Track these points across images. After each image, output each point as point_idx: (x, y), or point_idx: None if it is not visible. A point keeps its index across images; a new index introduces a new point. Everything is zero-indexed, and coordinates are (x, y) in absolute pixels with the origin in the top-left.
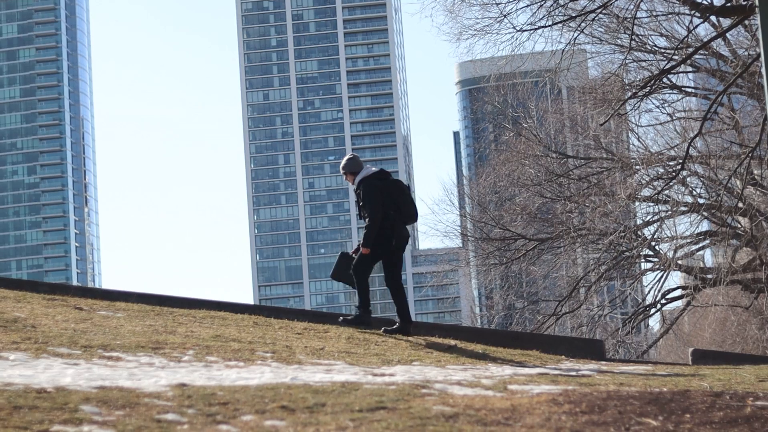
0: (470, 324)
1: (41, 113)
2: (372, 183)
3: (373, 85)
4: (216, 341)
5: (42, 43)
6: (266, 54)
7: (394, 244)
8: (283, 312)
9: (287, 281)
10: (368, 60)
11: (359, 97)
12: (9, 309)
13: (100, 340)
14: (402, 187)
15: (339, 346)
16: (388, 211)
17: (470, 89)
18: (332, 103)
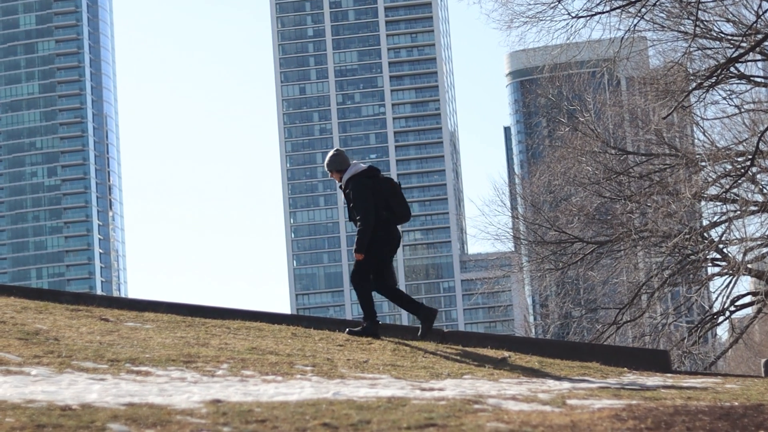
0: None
1: (62, 110)
2: (362, 182)
3: (417, 78)
4: (252, 354)
5: (62, 35)
6: (302, 45)
7: (390, 247)
8: (323, 322)
9: (326, 289)
10: (412, 50)
11: (402, 91)
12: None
13: (127, 354)
14: (394, 185)
15: (384, 359)
16: (380, 211)
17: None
18: (373, 97)
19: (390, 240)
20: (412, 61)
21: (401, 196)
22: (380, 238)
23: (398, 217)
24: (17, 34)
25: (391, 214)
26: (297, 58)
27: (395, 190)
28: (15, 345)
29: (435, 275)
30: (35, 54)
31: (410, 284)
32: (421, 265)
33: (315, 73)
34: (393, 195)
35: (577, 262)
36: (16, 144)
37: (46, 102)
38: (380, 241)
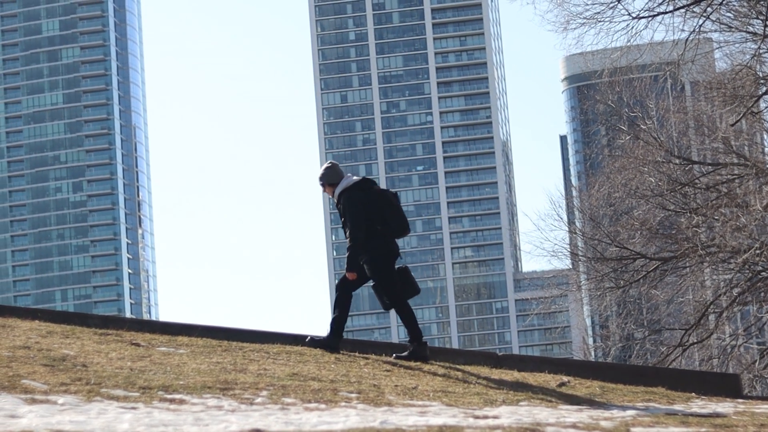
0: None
1: (87, 121)
2: (354, 195)
3: (466, 84)
4: (293, 380)
5: (87, 41)
6: (343, 50)
7: (386, 263)
8: (368, 346)
9: (371, 310)
10: (461, 55)
11: (451, 98)
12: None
13: (160, 381)
14: (389, 197)
15: (434, 385)
16: (374, 225)
17: (579, 86)
18: (420, 104)
19: (389, 254)
20: (461, 66)
21: (398, 208)
22: (381, 253)
23: (394, 230)
24: (40, 40)
25: (387, 227)
26: (338, 63)
27: (390, 201)
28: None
29: (487, 295)
30: (59, 62)
31: (460, 304)
32: (472, 284)
33: (357, 79)
34: (388, 206)
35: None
36: (39, 158)
37: (71, 113)
38: (382, 255)
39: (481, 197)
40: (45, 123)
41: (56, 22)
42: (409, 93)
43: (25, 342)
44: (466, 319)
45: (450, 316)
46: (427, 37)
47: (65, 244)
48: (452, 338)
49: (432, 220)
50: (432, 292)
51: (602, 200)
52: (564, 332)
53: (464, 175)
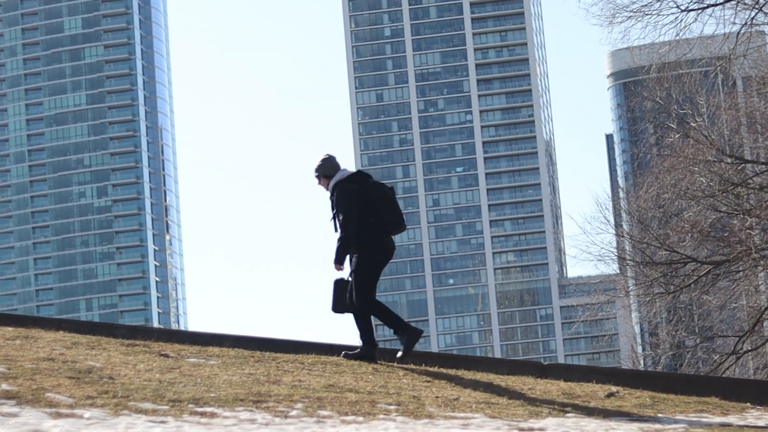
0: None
1: (112, 123)
2: (348, 187)
3: (508, 81)
4: (329, 392)
5: (111, 39)
6: (379, 46)
7: (379, 258)
8: None
9: (409, 318)
10: (501, 50)
11: (492, 96)
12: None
13: (190, 393)
14: (384, 190)
15: (476, 395)
16: (366, 219)
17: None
18: (459, 103)
19: (381, 250)
20: (502, 63)
21: (392, 202)
22: (370, 248)
23: (388, 225)
24: (62, 39)
25: (380, 221)
26: (373, 61)
27: (385, 194)
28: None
29: (530, 301)
30: (82, 61)
31: (503, 312)
32: (514, 291)
33: (393, 77)
34: (382, 199)
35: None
36: (62, 161)
37: (95, 114)
38: (374, 251)
39: (524, 199)
40: (68, 125)
41: (79, 20)
42: (447, 91)
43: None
44: (509, 327)
45: (492, 324)
46: (466, 32)
47: (90, 251)
48: (494, 347)
49: (472, 224)
50: (473, 299)
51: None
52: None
53: (506, 176)
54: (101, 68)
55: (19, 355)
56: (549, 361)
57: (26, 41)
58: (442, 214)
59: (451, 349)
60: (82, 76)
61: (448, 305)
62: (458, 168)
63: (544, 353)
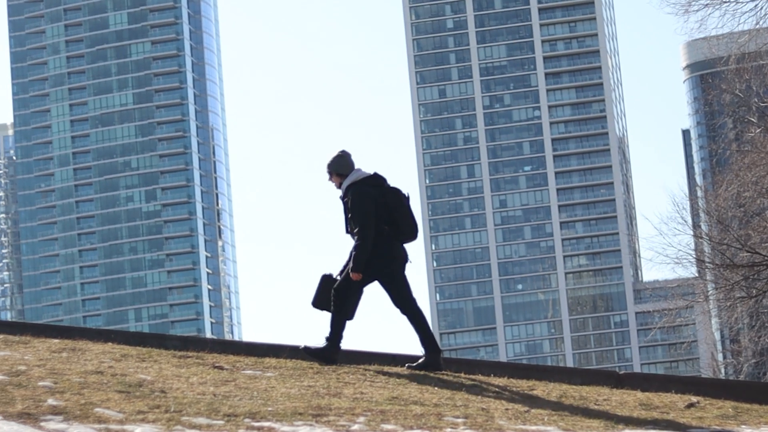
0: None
1: (160, 123)
2: (364, 191)
3: (578, 74)
4: (393, 404)
5: (159, 35)
6: (441, 39)
7: (392, 269)
8: (474, 365)
9: (476, 326)
10: (571, 42)
11: (561, 90)
12: (132, 370)
13: (246, 407)
14: (400, 196)
15: (548, 407)
16: (381, 225)
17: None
18: (526, 98)
19: (393, 259)
20: (572, 55)
21: (408, 210)
22: (380, 256)
23: (403, 234)
24: (107, 35)
25: (396, 229)
26: (435, 55)
27: (401, 202)
28: (115, 399)
29: (604, 307)
30: (128, 58)
31: (575, 318)
32: (587, 296)
33: (456, 72)
34: (398, 207)
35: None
36: (108, 164)
37: (142, 114)
38: (381, 260)
39: (596, 199)
40: (114, 126)
41: (124, 15)
42: (514, 86)
43: (97, 366)
44: (582, 335)
45: (564, 332)
46: (533, 23)
47: (138, 258)
48: (566, 356)
49: (542, 226)
50: (543, 306)
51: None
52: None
53: (577, 175)
54: (148, 65)
55: (66, 369)
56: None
57: (69, 38)
58: (510, 215)
59: (520, 358)
60: (129, 74)
61: (517, 312)
62: (526, 167)
63: (619, 362)
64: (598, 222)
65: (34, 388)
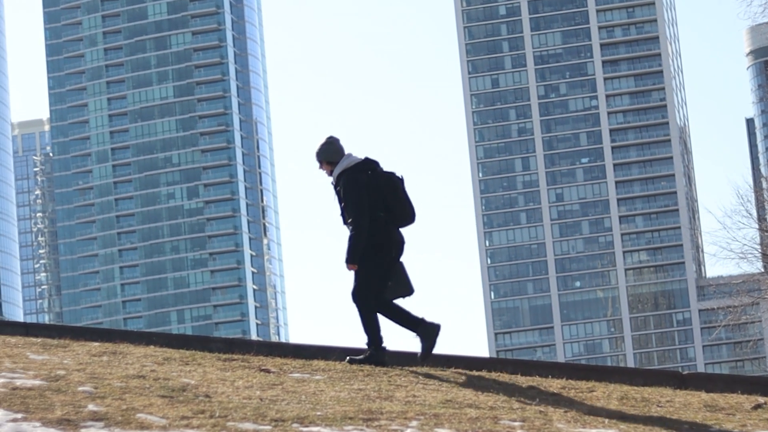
0: None
1: (202, 117)
2: (355, 177)
3: (636, 62)
4: (446, 408)
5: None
6: (493, 27)
7: (393, 255)
8: (531, 366)
9: (532, 326)
10: (629, 28)
11: (619, 78)
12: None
13: (294, 411)
14: (394, 180)
15: (609, 410)
16: (377, 212)
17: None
18: (583, 87)
19: (391, 246)
20: (630, 42)
21: (403, 193)
22: (378, 245)
23: (397, 218)
24: (146, 26)
25: (390, 214)
26: (487, 43)
27: (395, 185)
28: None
29: (666, 305)
30: (168, 50)
31: (635, 317)
32: (648, 293)
33: (510, 60)
34: (392, 192)
35: None
36: (148, 160)
37: (183, 108)
38: (380, 248)
39: (657, 192)
40: (154, 120)
41: (164, 5)
42: (570, 74)
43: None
44: (643, 334)
45: (624, 331)
46: (590, 9)
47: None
48: (627, 356)
49: (600, 221)
50: (602, 304)
51: None
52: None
53: (636, 167)
54: (189, 57)
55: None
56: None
57: (107, 29)
58: (567, 210)
59: (578, 358)
60: (169, 66)
61: (575, 310)
62: (583, 159)
63: (682, 361)
64: (658, 216)
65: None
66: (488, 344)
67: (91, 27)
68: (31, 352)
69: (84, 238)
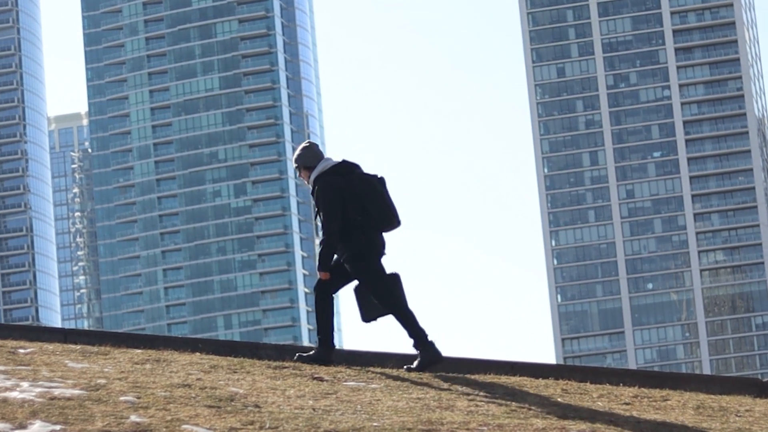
0: None
1: (250, 110)
2: (329, 181)
3: (711, 49)
4: (511, 418)
5: (247, 12)
6: (559, 12)
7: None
8: (601, 373)
9: (602, 330)
10: (703, 13)
11: (693, 67)
12: (222, 383)
13: (349, 422)
14: (371, 182)
15: (684, 419)
16: (353, 216)
17: None
18: (654, 76)
19: (374, 250)
20: (705, 27)
21: (380, 195)
22: (359, 253)
23: (377, 222)
24: (190, 14)
25: (368, 218)
26: (552, 30)
27: (372, 188)
28: (205, 415)
29: (744, 308)
30: (214, 39)
31: (712, 321)
32: (724, 295)
33: (576, 48)
34: (370, 194)
35: None
36: (192, 156)
37: (230, 100)
38: (362, 257)
39: (733, 188)
40: (198, 114)
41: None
42: (640, 63)
43: (184, 379)
44: (720, 339)
45: (699, 335)
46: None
47: (227, 259)
48: (703, 362)
49: (674, 219)
50: (677, 307)
51: None
52: None
53: (711, 161)
54: (236, 46)
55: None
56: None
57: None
58: (638, 207)
59: (651, 365)
60: (215, 56)
61: (647, 314)
62: (655, 153)
63: (762, 368)
64: (736, 213)
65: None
66: (555, 350)
67: (131, 15)
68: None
69: (125, 239)
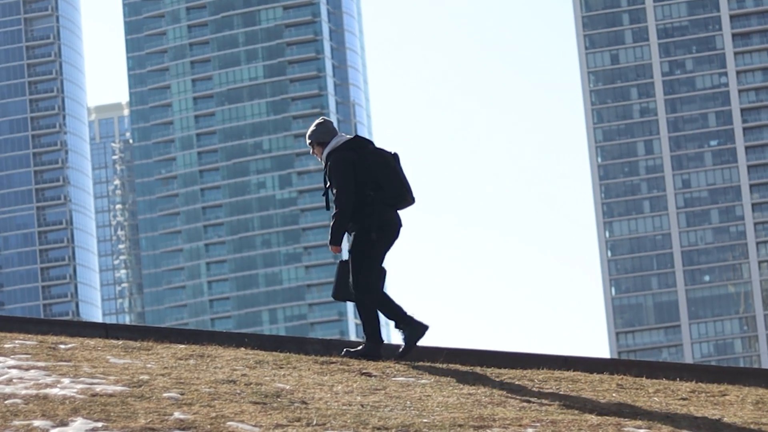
0: None
1: (295, 99)
2: (342, 156)
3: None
4: (565, 414)
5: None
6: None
7: (389, 237)
8: (657, 368)
9: (657, 324)
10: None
11: (750, 53)
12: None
13: (399, 419)
14: (385, 157)
15: (743, 416)
16: (365, 191)
17: None
18: (711, 63)
19: (385, 226)
20: (763, 12)
21: (394, 171)
22: (372, 222)
23: (390, 198)
24: (233, 1)
25: (381, 193)
26: (606, 15)
27: (386, 162)
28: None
29: None
30: (257, 26)
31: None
32: None
33: (631, 34)
34: (383, 169)
35: None
36: (236, 146)
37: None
38: (376, 224)
39: None
40: (242, 103)
41: None
42: (697, 49)
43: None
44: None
45: (758, 329)
46: None
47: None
48: (761, 356)
49: (731, 209)
50: (734, 300)
51: None
52: None
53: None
54: (281, 34)
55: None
56: None
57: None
58: (694, 197)
59: (708, 359)
60: (259, 44)
61: (704, 307)
62: (712, 141)
63: None
64: None
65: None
66: (609, 344)
67: (173, 2)
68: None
69: (167, 232)
